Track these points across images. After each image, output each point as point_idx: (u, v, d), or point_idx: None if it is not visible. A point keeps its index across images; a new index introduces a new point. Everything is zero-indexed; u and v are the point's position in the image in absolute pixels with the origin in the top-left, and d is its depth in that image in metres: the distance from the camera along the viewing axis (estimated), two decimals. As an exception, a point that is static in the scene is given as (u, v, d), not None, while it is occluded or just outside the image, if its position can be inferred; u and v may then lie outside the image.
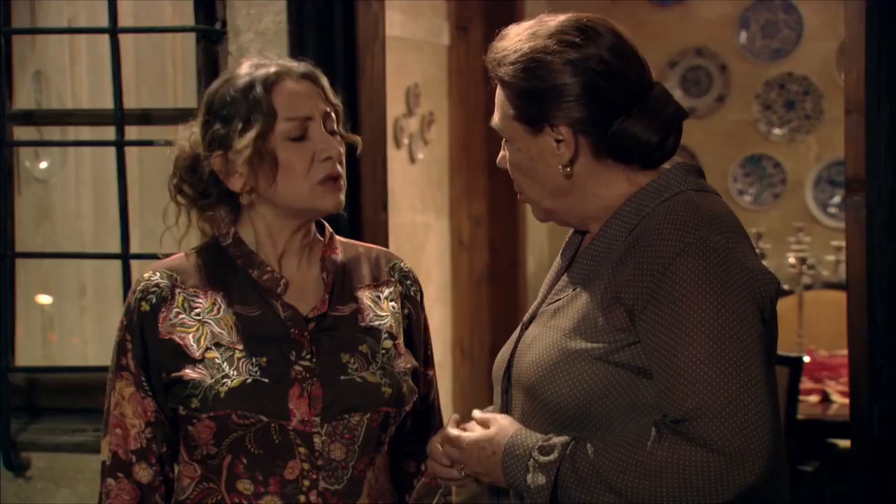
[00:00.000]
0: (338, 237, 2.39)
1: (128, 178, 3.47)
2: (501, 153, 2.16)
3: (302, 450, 2.22)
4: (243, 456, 2.23)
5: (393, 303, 2.37)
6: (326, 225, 2.38)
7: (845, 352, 3.25)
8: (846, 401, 4.68)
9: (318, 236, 2.35)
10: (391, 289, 2.38)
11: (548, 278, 2.24)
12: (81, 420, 3.54)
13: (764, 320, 2.00)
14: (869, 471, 3.09)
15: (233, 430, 2.21)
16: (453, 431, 2.12)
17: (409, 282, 2.41)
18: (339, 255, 2.36)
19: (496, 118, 2.12)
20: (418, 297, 2.42)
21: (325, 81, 2.29)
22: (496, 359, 2.23)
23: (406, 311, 2.39)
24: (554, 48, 2.06)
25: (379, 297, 2.36)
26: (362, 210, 3.39)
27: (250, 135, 2.22)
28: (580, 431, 2.01)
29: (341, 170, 2.25)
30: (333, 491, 2.24)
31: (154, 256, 3.56)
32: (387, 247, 3.48)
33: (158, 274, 2.31)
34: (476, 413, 2.15)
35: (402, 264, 2.43)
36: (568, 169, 2.08)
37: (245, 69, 2.27)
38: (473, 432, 2.09)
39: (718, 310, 1.95)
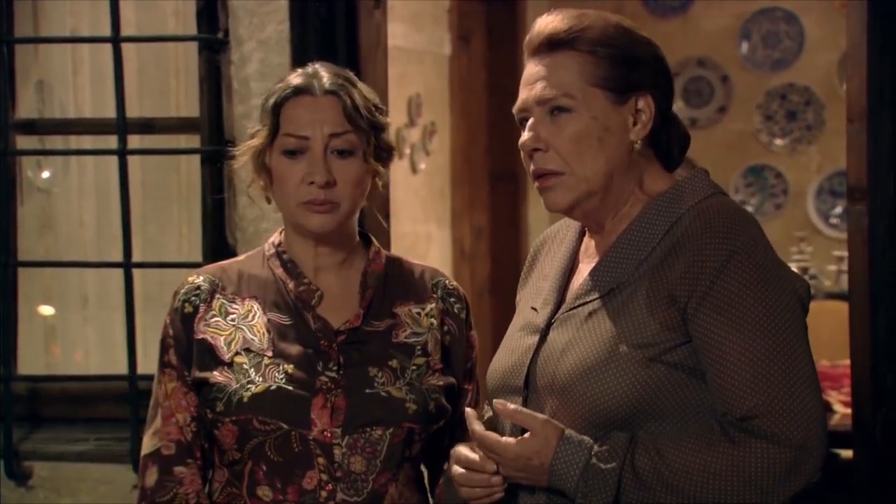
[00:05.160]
0: (385, 252, 2.42)
1: (130, 186, 3.47)
2: (530, 134, 2.12)
3: (321, 460, 2.24)
4: (263, 462, 2.26)
5: (433, 319, 2.38)
6: (373, 240, 2.42)
7: (847, 362, 3.24)
8: (848, 411, 4.66)
9: (363, 250, 2.39)
10: (432, 305, 2.39)
11: (548, 284, 2.23)
12: (84, 429, 3.54)
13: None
14: (871, 480, 3.08)
15: (254, 435, 2.25)
16: (491, 437, 2.08)
17: (452, 299, 2.42)
18: (382, 270, 2.38)
19: (555, 90, 2.09)
20: (463, 315, 2.43)
21: (353, 100, 2.30)
22: (499, 369, 2.21)
23: (446, 328, 2.40)
24: (634, 27, 2.15)
25: (420, 313, 2.38)
26: (364, 219, 3.38)
27: (250, 143, 2.33)
28: (618, 433, 2.01)
29: (331, 195, 2.27)
30: (353, 503, 2.25)
31: (157, 265, 3.60)
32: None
33: (202, 277, 2.37)
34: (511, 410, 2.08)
35: (446, 281, 2.44)
36: (639, 144, 2.11)
37: (291, 75, 2.35)
38: (515, 440, 2.05)
39: (773, 307, 2.00)
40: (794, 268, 6.06)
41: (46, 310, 3.92)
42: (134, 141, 3.55)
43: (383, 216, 3.51)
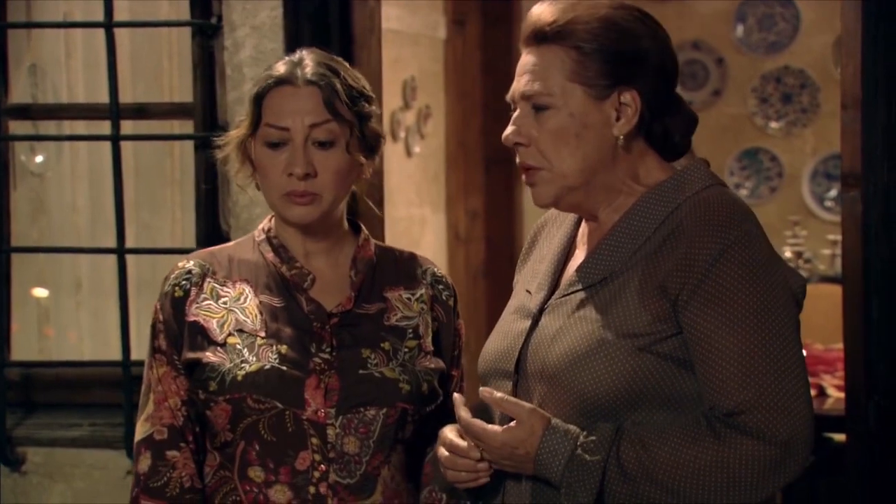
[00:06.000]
0: (374, 241, 2.43)
1: (123, 173, 3.47)
2: (513, 128, 2.12)
3: (314, 440, 2.25)
4: (256, 442, 2.26)
5: (423, 304, 2.39)
6: (363, 227, 2.43)
7: (841, 345, 3.24)
8: (841, 395, 4.67)
9: (353, 237, 2.40)
10: (422, 291, 2.40)
11: (544, 267, 2.23)
12: (77, 415, 3.55)
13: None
14: (864, 466, 3.09)
15: (248, 414, 2.25)
16: (477, 424, 2.07)
17: (441, 286, 2.43)
18: (372, 256, 2.39)
19: (537, 86, 2.09)
20: (451, 303, 2.44)
21: (336, 90, 2.29)
22: (491, 352, 2.22)
23: (435, 314, 2.41)
24: (631, 17, 2.11)
25: (409, 298, 2.39)
26: (357, 206, 3.38)
27: (232, 133, 2.34)
28: (606, 422, 2.02)
29: (311, 187, 2.27)
30: (345, 485, 2.26)
31: (150, 251, 3.59)
32: (383, 241, 3.49)
33: (192, 262, 2.37)
34: (498, 398, 2.08)
35: (435, 269, 2.45)
36: (622, 140, 2.10)
37: (276, 64, 2.35)
38: (501, 429, 2.05)
39: (765, 302, 1.99)
40: (788, 252, 6.13)
41: (40, 292, 3.92)
42: (127, 126, 3.55)
43: (377, 201, 3.51)
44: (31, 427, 3.55)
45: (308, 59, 2.32)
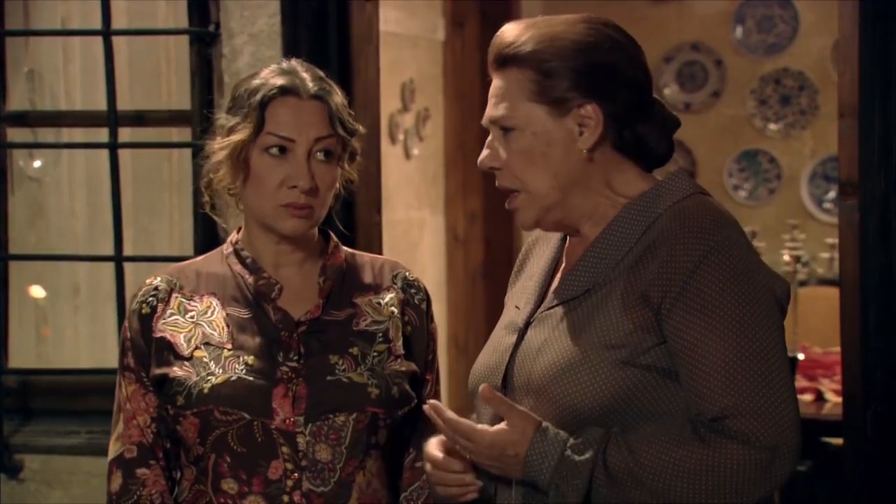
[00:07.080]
0: (344, 248, 2.42)
1: (121, 177, 3.48)
2: (487, 152, 2.14)
3: (285, 449, 2.25)
4: (227, 454, 2.26)
5: (393, 308, 2.38)
6: (332, 235, 2.41)
7: (840, 349, 3.24)
8: (839, 399, 4.68)
9: (322, 245, 2.39)
10: (392, 295, 2.40)
11: (532, 283, 2.23)
12: (75, 422, 3.55)
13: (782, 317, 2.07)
14: (862, 473, 3.09)
15: (216, 426, 2.25)
16: (466, 424, 2.07)
17: (413, 290, 2.42)
18: (342, 263, 2.39)
19: (501, 110, 2.11)
20: (423, 306, 2.43)
21: (336, 106, 2.30)
22: (480, 368, 2.22)
23: (407, 318, 2.40)
24: (591, 31, 2.10)
25: (380, 303, 2.38)
26: (356, 212, 3.38)
27: (232, 137, 2.28)
28: (594, 428, 2.02)
29: (311, 200, 2.27)
30: (319, 493, 2.26)
31: (148, 258, 3.60)
32: (381, 246, 3.50)
33: (159, 278, 2.37)
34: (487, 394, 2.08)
35: (406, 273, 2.44)
36: (586, 153, 2.09)
37: (267, 72, 2.32)
38: (492, 429, 2.05)
39: (748, 308, 1.99)
40: (786, 256, 6.11)
41: (37, 291, 3.92)
42: (125, 133, 3.55)
43: (375, 204, 3.52)
44: (29, 434, 3.56)
45: (304, 72, 2.32)
